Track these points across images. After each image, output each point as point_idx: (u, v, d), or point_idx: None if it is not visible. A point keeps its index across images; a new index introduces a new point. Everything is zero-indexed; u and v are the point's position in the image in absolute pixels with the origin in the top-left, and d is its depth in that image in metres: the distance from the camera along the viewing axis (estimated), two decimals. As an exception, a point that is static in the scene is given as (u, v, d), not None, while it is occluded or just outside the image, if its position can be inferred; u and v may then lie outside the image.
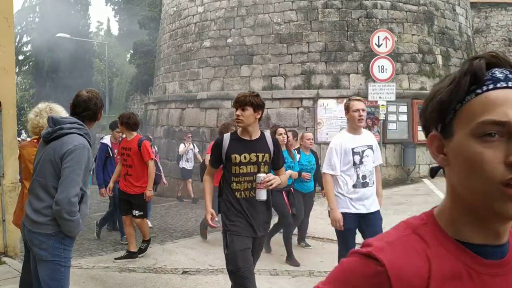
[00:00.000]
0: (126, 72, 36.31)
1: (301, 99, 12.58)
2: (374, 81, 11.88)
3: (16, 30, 38.35)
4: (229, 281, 5.17)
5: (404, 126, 12.51)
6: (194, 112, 14.21)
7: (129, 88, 33.21)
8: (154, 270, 5.60)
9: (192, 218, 9.39)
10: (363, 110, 4.09)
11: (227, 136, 3.70)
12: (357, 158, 4.10)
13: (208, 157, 5.93)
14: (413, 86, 13.11)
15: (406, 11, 13.41)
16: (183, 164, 12.45)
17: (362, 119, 4.10)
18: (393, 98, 11.73)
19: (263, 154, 3.59)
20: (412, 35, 13.37)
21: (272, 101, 12.68)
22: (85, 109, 3.16)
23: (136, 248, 6.12)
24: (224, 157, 3.60)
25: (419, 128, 12.53)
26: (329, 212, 4.19)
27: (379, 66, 11.81)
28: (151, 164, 5.90)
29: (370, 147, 4.21)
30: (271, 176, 3.53)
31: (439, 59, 13.71)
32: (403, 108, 12.52)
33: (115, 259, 6.06)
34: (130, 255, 6.06)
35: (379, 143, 11.90)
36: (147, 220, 7.52)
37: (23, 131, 14.52)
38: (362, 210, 4.11)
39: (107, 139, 7.70)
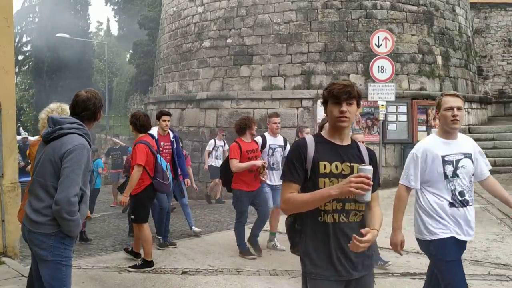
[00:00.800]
0: (125, 72, 36.32)
1: (301, 99, 12.58)
2: (373, 82, 11.87)
3: (16, 30, 38.35)
4: (229, 281, 5.18)
5: (403, 126, 12.51)
6: (194, 112, 14.21)
7: (128, 88, 33.22)
8: (153, 270, 5.60)
9: (192, 218, 9.38)
10: (458, 109, 3.22)
11: (310, 138, 2.66)
12: (449, 168, 3.23)
13: (235, 162, 5.99)
14: (413, 86, 13.11)
15: (406, 12, 13.41)
16: (211, 161, 11.47)
17: (457, 120, 3.22)
18: (392, 98, 11.72)
19: (358, 165, 2.50)
20: (412, 35, 13.37)
21: (272, 101, 12.69)
22: (84, 109, 3.15)
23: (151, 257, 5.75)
24: (309, 166, 2.54)
25: (419, 128, 12.58)
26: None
27: (378, 67, 11.80)
28: (134, 169, 5.46)
29: (468, 156, 3.29)
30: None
31: (439, 60, 13.71)
32: (403, 109, 12.52)
33: (130, 267, 5.67)
34: (146, 264, 5.69)
35: (378, 144, 11.94)
36: (193, 228, 7.61)
37: (21, 128, 14.46)
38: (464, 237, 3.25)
39: (154, 131, 6.56)
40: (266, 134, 6.78)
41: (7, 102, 5.86)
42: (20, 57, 41.12)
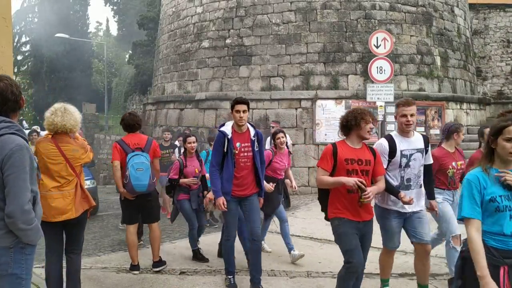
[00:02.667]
0: (125, 72, 36.31)
1: (300, 99, 12.59)
2: (372, 82, 11.89)
3: (15, 30, 38.33)
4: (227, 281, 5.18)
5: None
6: (193, 112, 14.21)
7: (128, 89, 33.20)
8: (151, 271, 5.60)
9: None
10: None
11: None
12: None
13: (320, 173, 3.93)
14: (412, 87, 13.12)
15: (405, 12, 13.42)
16: None
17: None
18: (391, 99, 11.74)
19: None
20: (411, 36, 13.38)
21: (271, 102, 12.69)
22: (4, 102, 2.73)
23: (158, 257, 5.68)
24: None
25: (418, 129, 12.57)
26: None
27: (377, 67, 11.83)
28: (114, 164, 5.47)
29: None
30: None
31: (438, 60, 13.72)
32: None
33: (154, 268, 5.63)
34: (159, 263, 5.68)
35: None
36: (293, 252, 5.94)
37: (24, 122, 14.47)
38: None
39: (227, 128, 4.84)
40: (394, 134, 4.46)
41: (5, 102, 5.86)
42: (19, 57, 41.10)
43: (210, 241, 6.97)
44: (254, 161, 4.80)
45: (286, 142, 6.33)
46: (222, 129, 4.83)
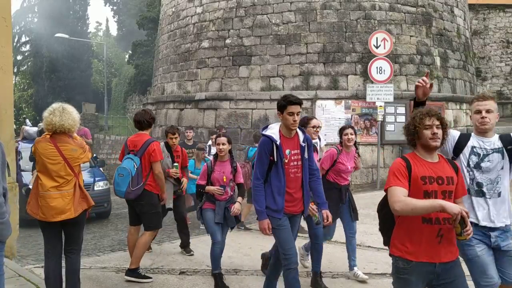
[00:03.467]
0: (124, 72, 36.30)
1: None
2: (372, 82, 11.90)
3: (15, 30, 38.32)
4: (226, 281, 5.18)
5: (402, 127, 12.51)
6: (192, 112, 14.21)
7: (127, 89, 33.20)
8: (151, 271, 5.59)
9: (190, 219, 9.39)
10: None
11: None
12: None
13: (398, 193, 2.79)
14: (411, 87, 13.11)
15: (405, 13, 13.43)
16: None
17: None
18: (391, 99, 11.76)
19: None
20: (411, 36, 13.39)
21: (271, 102, 12.69)
22: None
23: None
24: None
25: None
26: None
27: (377, 67, 11.84)
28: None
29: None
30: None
31: (437, 61, 13.73)
32: (401, 109, 12.54)
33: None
34: None
35: (376, 144, 11.95)
36: (355, 270, 5.24)
37: (27, 120, 14.41)
38: None
39: (274, 131, 3.93)
40: (472, 134, 3.53)
41: (5, 102, 5.86)
42: (19, 57, 41.11)
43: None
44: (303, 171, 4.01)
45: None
46: (267, 133, 3.93)
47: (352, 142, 5.24)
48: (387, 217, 2.99)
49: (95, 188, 9.68)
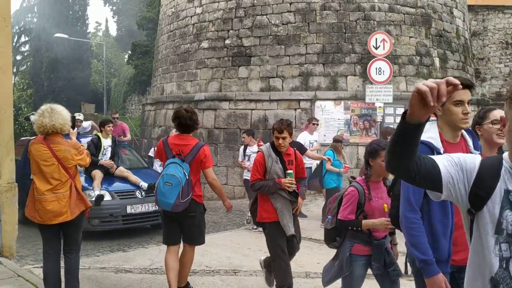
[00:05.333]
0: (124, 72, 36.29)
1: (299, 100, 12.60)
2: (371, 83, 11.91)
3: (14, 30, 38.29)
4: (226, 282, 5.18)
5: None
6: (192, 113, 14.19)
7: (127, 89, 33.20)
8: (150, 271, 5.60)
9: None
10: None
11: None
12: None
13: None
14: (411, 88, 13.12)
15: (404, 14, 13.44)
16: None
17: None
18: (390, 100, 11.76)
19: None
20: (410, 37, 13.40)
21: (270, 103, 12.70)
22: None
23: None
24: None
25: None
26: None
27: (376, 68, 11.85)
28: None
29: None
30: None
31: (437, 62, 13.74)
32: (401, 110, 12.51)
33: None
34: None
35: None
36: None
37: (31, 117, 14.31)
38: None
39: (432, 134, 2.63)
40: None
41: (4, 102, 5.86)
42: (18, 57, 41.07)
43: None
44: None
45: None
46: (425, 138, 2.49)
47: None
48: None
49: None
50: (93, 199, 7.24)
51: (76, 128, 5.04)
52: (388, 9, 13.24)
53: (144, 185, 7.85)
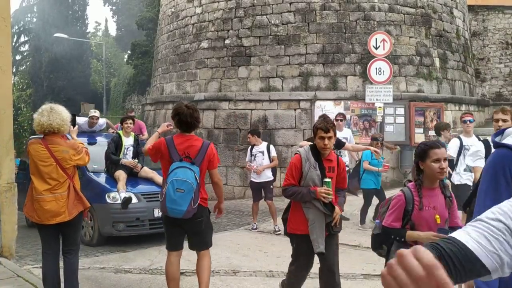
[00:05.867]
0: (123, 72, 36.27)
1: (299, 100, 12.59)
2: (371, 83, 11.90)
3: (14, 30, 38.25)
4: (225, 282, 5.16)
5: (401, 128, 12.53)
6: (192, 113, 14.17)
7: (126, 89, 33.17)
8: (149, 271, 5.59)
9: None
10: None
11: None
12: None
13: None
14: (411, 88, 13.12)
15: (404, 14, 13.43)
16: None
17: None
18: (390, 100, 11.76)
19: None
20: (410, 37, 13.39)
21: (270, 103, 12.69)
22: None
23: None
24: None
25: (416, 130, 12.59)
26: None
27: (376, 68, 11.85)
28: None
29: None
30: None
31: (437, 62, 13.74)
32: (401, 110, 12.54)
33: None
34: None
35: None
36: None
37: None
38: None
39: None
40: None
41: (4, 102, 5.85)
42: (17, 57, 41.05)
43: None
44: None
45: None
46: (509, 141, 2.04)
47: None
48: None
49: None
50: (119, 201, 6.87)
51: (77, 126, 4.94)
52: (388, 9, 13.24)
53: None
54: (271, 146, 8.30)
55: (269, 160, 8.06)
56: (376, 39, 12.03)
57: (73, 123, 4.84)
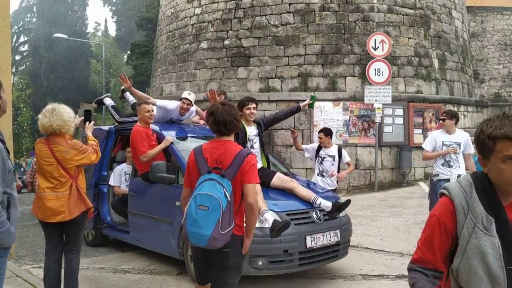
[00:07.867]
0: (123, 73, 36.34)
1: (298, 101, 12.55)
2: (370, 84, 11.92)
3: (13, 30, 38.27)
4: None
5: (400, 129, 12.55)
6: (191, 113, 14.20)
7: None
8: (148, 271, 5.60)
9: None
10: None
11: None
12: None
13: None
14: (409, 89, 13.15)
15: (403, 15, 13.46)
16: None
17: None
18: (389, 101, 11.78)
19: None
20: (409, 38, 13.42)
21: (269, 103, 12.70)
22: None
23: None
24: None
25: (415, 131, 12.61)
26: None
27: (375, 69, 11.87)
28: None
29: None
30: None
31: (435, 63, 13.77)
32: (399, 111, 12.56)
33: None
34: None
35: (374, 146, 11.97)
36: None
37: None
38: None
39: None
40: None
41: (3, 102, 5.86)
42: (17, 57, 41.09)
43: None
44: None
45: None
46: None
47: None
48: None
49: None
50: (265, 225, 4.54)
51: (92, 122, 4.86)
52: (387, 10, 13.27)
53: (326, 204, 5.08)
54: (343, 150, 7.12)
55: (338, 166, 6.88)
56: (375, 40, 12.05)
57: (88, 118, 4.80)
